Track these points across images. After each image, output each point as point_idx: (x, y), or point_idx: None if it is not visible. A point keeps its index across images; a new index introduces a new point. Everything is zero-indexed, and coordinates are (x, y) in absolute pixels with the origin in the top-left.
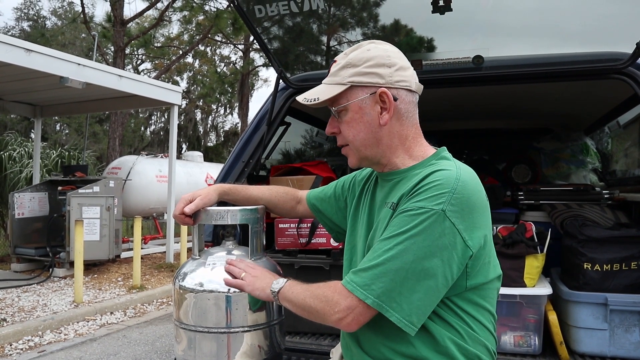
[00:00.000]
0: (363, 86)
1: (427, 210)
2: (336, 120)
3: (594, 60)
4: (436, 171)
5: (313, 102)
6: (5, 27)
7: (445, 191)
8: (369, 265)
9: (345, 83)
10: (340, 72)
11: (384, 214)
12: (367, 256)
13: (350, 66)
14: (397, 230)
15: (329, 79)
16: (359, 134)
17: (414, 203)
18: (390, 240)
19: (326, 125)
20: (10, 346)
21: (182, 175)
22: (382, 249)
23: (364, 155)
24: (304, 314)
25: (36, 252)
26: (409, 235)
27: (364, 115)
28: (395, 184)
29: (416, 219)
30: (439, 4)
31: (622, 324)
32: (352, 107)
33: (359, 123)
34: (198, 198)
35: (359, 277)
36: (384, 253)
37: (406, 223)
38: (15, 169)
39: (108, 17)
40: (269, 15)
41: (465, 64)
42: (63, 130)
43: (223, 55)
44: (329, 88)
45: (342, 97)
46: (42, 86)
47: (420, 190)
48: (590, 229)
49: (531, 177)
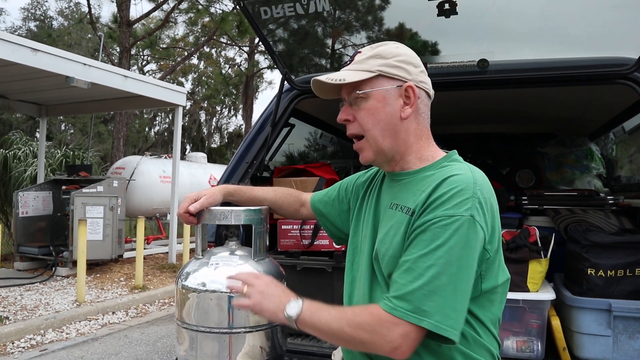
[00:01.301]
0: (390, 77)
1: (458, 218)
2: (351, 107)
3: (599, 65)
4: (453, 176)
5: (338, 81)
6: (12, 27)
7: (468, 196)
8: (414, 288)
9: (374, 71)
10: (368, 61)
11: (397, 217)
12: (404, 276)
13: (379, 57)
14: (434, 244)
15: (354, 66)
16: (378, 123)
17: (443, 211)
18: (429, 256)
19: (329, 127)
20: (12, 344)
21: (185, 176)
22: (423, 266)
23: (381, 147)
24: (340, 343)
25: (39, 251)
26: (449, 247)
27: (386, 105)
28: (403, 185)
29: (449, 228)
30: (445, 8)
31: (625, 330)
32: (376, 95)
33: (380, 112)
34: (203, 197)
35: (406, 302)
36: (426, 270)
37: (440, 234)
38: (20, 168)
39: (114, 18)
40: (274, 17)
41: (470, 68)
42: (68, 129)
43: (228, 57)
44: (355, 73)
45: (366, 84)
46: (48, 86)
47: (445, 198)
48: (595, 234)
49: (535, 182)
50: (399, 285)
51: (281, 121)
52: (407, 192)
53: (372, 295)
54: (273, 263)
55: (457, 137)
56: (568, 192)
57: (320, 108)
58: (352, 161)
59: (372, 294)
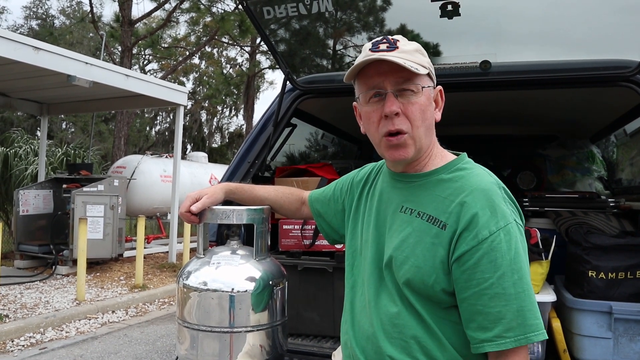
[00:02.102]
0: (431, 77)
1: (509, 223)
2: (397, 99)
3: (602, 68)
4: (481, 184)
5: (414, 69)
6: (14, 26)
7: (502, 201)
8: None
9: (427, 67)
10: (416, 54)
11: (417, 225)
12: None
13: (422, 53)
14: (505, 261)
15: (406, 55)
16: (425, 120)
17: (495, 224)
18: (507, 277)
19: (331, 127)
20: (11, 342)
21: (186, 175)
22: (513, 292)
23: (421, 146)
24: None
25: (40, 249)
26: (515, 258)
27: (429, 105)
28: (416, 188)
29: (509, 237)
30: (448, 9)
31: (626, 332)
32: (426, 92)
33: (428, 111)
34: (205, 197)
35: (512, 331)
36: (512, 289)
37: (507, 248)
38: (20, 166)
39: (116, 17)
40: (277, 17)
41: (472, 69)
42: (69, 128)
43: (229, 57)
44: (416, 65)
45: (420, 78)
46: (50, 84)
47: (487, 213)
48: (596, 236)
49: (536, 184)
50: (494, 316)
51: (283, 121)
52: (422, 196)
53: (378, 302)
54: (274, 263)
55: (458, 139)
56: (569, 194)
57: (322, 108)
58: (353, 162)
59: (378, 301)
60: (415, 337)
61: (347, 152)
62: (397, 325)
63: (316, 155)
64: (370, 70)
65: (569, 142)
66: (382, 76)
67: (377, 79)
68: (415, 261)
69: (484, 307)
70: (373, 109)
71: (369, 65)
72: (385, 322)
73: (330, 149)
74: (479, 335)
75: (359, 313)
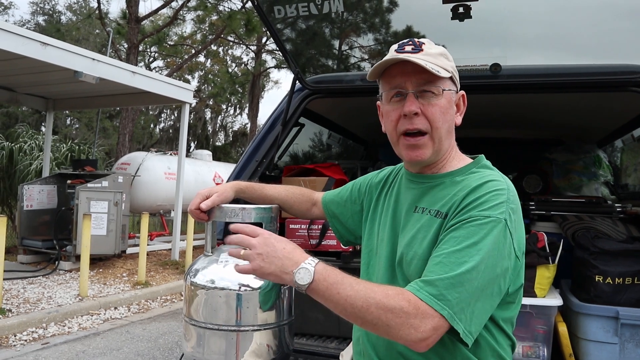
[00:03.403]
0: (454, 82)
1: (493, 219)
2: (417, 100)
3: (610, 73)
4: (489, 181)
5: (436, 72)
6: (21, 21)
7: (502, 201)
8: (443, 277)
9: (450, 71)
10: (440, 58)
11: (425, 221)
12: (435, 269)
13: (446, 57)
14: (469, 241)
15: (429, 58)
16: (445, 122)
17: (479, 212)
18: (463, 252)
19: (338, 127)
20: (14, 337)
21: (190, 173)
22: (456, 261)
23: (441, 147)
24: (357, 321)
25: (43, 244)
26: (482, 245)
27: (451, 107)
28: (429, 188)
29: (484, 227)
30: (459, 12)
31: (632, 338)
32: (447, 95)
33: (448, 113)
34: (215, 194)
35: (432, 287)
36: (458, 265)
37: (475, 232)
38: (25, 162)
39: (123, 14)
40: (288, 16)
41: (482, 72)
42: (73, 124)
43: (235, 56)
44: (439, 68)
45: (441, 81)
46: (56, 80)
47: (481, 200)
48: (603, 241)
49: (542, 188)
50: (428, 273)
51: (292, 120)
52: (435, 196)
53: None
54: None
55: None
56: (576, 198)
57: (330, 108)
58: (359, 162)
59: None
60: None
61: (353, 152)
62: None
63: (320, 155)
64: (393, 71)
65: (575, 147)
66: (404, 77)
67: (399, 79)
68: (422, 255)
69: (428, 270)
70: (393, 108)
71: (393, 66)
72: None
73: (333, 149)
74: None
75: None
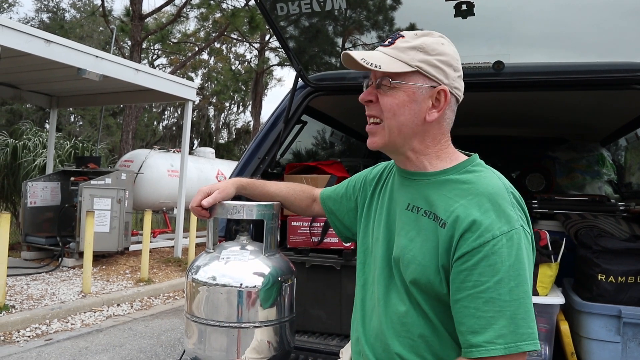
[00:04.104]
0: (427, 76)
1: (514, 228)
2: (375, 90)
3: (614, 70)
4: (488, 187)
5: (373, 67)
6: (25, 18)
7: (509, 205)
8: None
9: (413, 66)
10: (409, 52)
11: (423, 224)
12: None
13: (421, 50)
14: (504, 266)
15: (393, 52)
16: (400, 116)
17: (499, 228)
18: (504, 283)
19: (340, 125)
20: (17, 333)
21: (193, 170)
22: (508, 298)
23: (393, 140)
24: None
25: (46, 241)
26: (517, 264)
27: (413, 102)
28: (422, 186)
29: (511, 243)
30: (462, 9)
31: (635, 337)
32: (407, 89)
33: (405, 107)
34: (216, 192)
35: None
36: (507, 296)
37: (508, 254)
38: (29, 158)
39: (127, 12)
40: (290, 13)
41: (485, 69)
42: (77, 121)
43: (238, 53)
44: (393, 62)
45: (400, 75)
46: (60, 77)
47: (492, 216)
48: (606, 240)
49: (545, 186)
50: (486, 320)
51: (294, 118)
52: (430, 195)
53: (387, 301)
54: (283, 259)
55: (468, 139)
56: (579, 197)
57: (333, 106)
58: (362, 160)
59: (387, 299)
60: (423, 336)
61: (355, 150)
62: (406, 324)
63: (322, 153)
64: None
65: (579, 145)
66: None
67: None
68: (422, 261)
69: (476, 311)
70: None
71: None
72: (394, 320)
73: (337, 147)
74: (469, 339)
75: (369, 311)
